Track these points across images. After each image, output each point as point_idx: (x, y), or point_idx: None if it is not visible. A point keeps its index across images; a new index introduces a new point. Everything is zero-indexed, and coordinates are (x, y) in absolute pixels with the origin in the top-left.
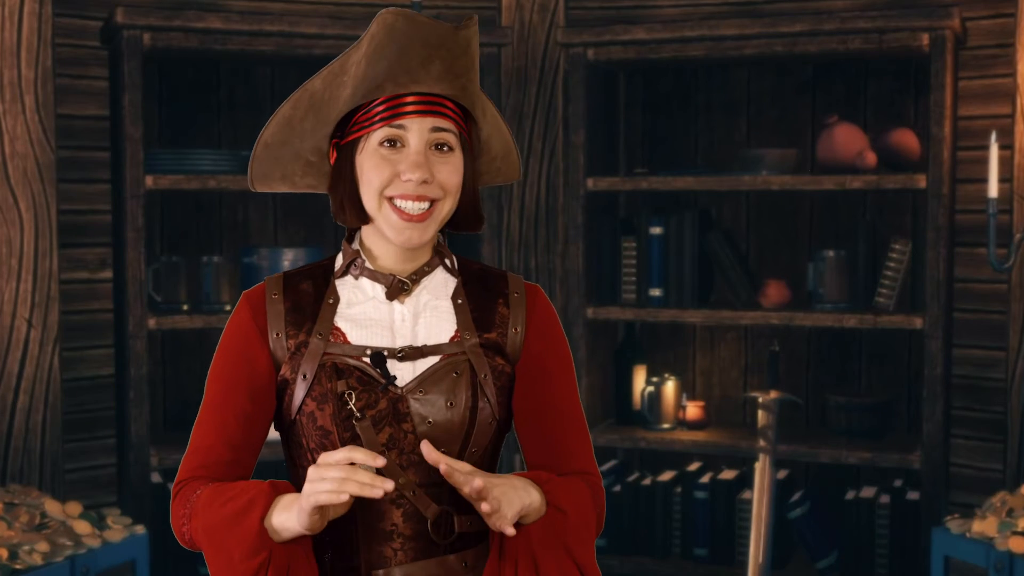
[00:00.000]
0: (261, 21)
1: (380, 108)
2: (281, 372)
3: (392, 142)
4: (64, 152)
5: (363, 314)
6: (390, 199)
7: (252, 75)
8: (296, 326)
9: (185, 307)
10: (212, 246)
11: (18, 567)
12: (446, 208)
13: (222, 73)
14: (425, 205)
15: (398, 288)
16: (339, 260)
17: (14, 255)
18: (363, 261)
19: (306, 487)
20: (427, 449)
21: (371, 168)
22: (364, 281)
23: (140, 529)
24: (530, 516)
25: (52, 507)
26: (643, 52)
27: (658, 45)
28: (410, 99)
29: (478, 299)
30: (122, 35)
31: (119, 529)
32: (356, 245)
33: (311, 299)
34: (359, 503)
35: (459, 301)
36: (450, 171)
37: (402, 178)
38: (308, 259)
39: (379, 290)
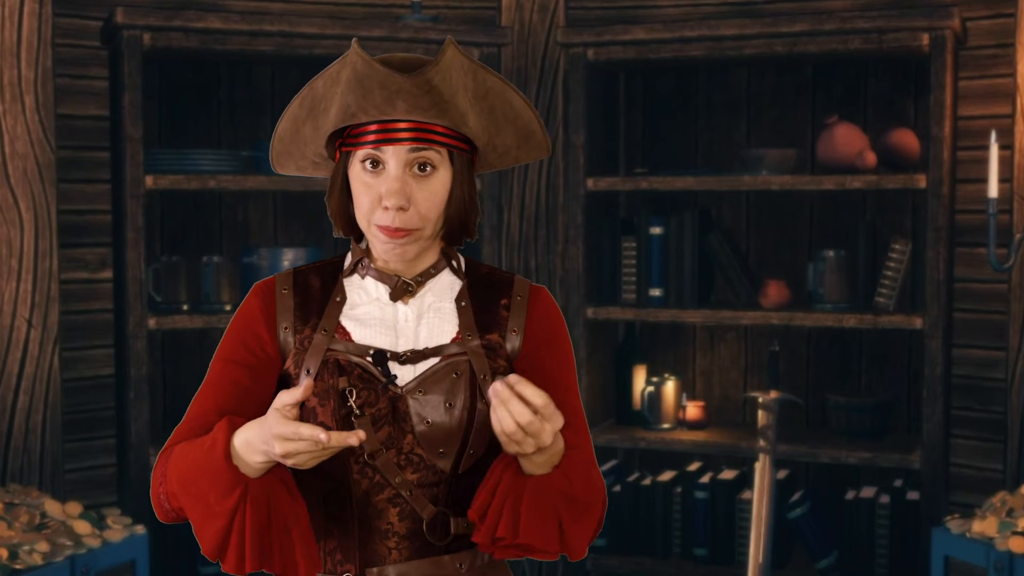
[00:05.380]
0: (261, 21)
1: (371, 127)
2: (285, 365)
3: (374, 163)
4: (64, 152)
5: (367, 314)
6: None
7: (252, 75)
8: (303, 321)
9: (185, 307)
10: (212, 246)
11: (18, 567)
12: (427, 232)
13: (222, 73)
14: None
15: (402, 290)
16: (348, 259)
17: (14, 255)
18: (369, 262)
19: (276, 443)
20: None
21: (358, 192)
22: (369, 281)
23: (140, 529)
24: (539, 464)
25: (52, 507)
26: (643, 52)
27: (658, 45)
28: (400, 123)
29: (482, 301)
30: (122, 35)
31: (119, 529)
32: (364, 244)
33: (319, 296)
34: (358, 501)
35: (463, 303)
36: (427, 196)
37: (381, 204)
38: (308, 259)
39: (383, 291)
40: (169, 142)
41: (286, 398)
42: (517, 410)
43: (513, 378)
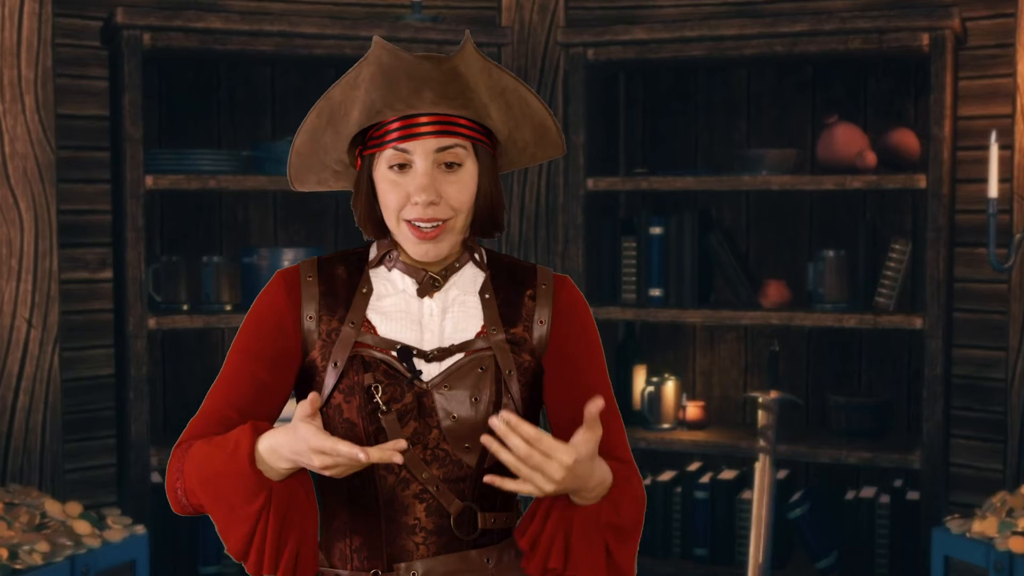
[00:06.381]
0: (261, 21)
1: (393, 126)
2: (311, 356)
3: (401, 165)
4: (64, 152)
5: (393, 307)
6: (406, 220)
7: (252, 75)
8: (330, 311)
9: (185, 307)
10: (212, 246)
11: (18, 567)
12: (459, 223)
13: (222, 73)
14: (438, 222)
15: (429, 284)
16: (373, 250)
17: (14, 255)
18: (397, 254)
19: (314, 456)
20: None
21: (385, 191)
22: (396, 274)
23: (140, 529)
24: (588, 493)
25: (52, 507)
26: (643, 52)
27: (658, 45)
28: (423, 119)
29: (506, 293)
30: (122, 35)
31: (119, 529)
32: (390, 238)
33: (345, 286)
34: (384, 497)
35: (487, 296)
36: (458, 189)
37: (411, 201)
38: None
39: (409, 284)
40: (169, 142)
41: (306, 409)
42: (514, 443)
43: (505, 415)
